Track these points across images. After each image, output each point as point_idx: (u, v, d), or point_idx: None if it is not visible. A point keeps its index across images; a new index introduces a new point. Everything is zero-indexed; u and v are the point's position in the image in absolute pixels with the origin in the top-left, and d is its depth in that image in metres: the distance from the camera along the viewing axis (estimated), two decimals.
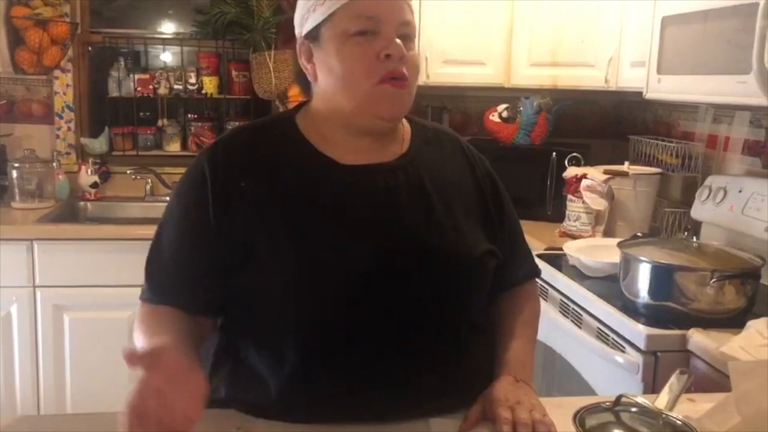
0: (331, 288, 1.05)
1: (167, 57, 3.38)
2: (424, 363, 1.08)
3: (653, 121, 2.98)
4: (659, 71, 2.12)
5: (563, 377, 2.01)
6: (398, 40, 1.05)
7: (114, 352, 2.97)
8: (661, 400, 1.00)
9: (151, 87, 3.17)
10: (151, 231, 1.15)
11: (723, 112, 2.46)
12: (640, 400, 0.98)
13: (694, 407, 1.09)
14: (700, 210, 2.29)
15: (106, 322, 2.61)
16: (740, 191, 2.13)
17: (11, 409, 2.62)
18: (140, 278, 1.15)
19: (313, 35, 1.09)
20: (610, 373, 1.71)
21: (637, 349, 1.62)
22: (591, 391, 1.81)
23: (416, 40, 1.12)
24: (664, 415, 0.95)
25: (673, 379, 1.04)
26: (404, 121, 1.19)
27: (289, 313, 1.06)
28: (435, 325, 1.10)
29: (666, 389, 1.03)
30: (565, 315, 1.98)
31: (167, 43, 3.34)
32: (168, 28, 3.44)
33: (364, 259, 1.05)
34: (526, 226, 1.29)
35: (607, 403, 0.99)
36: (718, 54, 1.85)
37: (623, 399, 0.98)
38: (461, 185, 1.18)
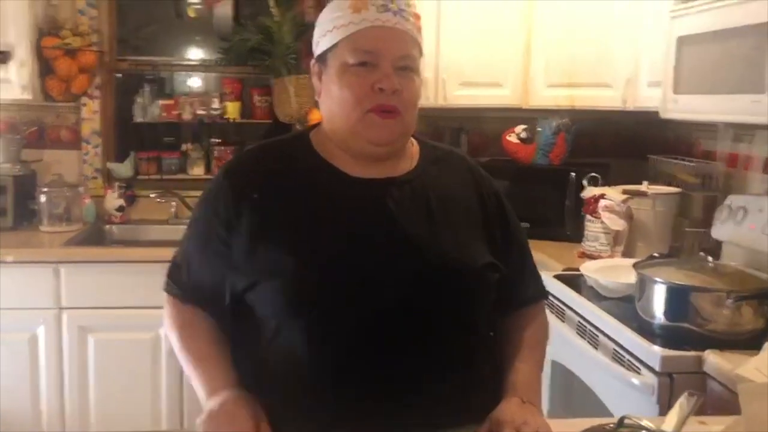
0: (334, 297, 1.08)
1: (192, 83, 3.46)
2: (426, 372, 1.10)
3: (674, 140, 2.96)
4: (675, 91, 2.11)
5: (580, 398, 1.99)
6: (393, 75, 1.09)
7: (137, 372, 2.99)
8: (669, 423, 0.99)
9: (175, 112, 3.24)
10: None
11: (743, 131, 2.44)
12: (645, 422, 0.97)
13: (706, 429, 1.08)
14: (720, 230, 2.26)
15: (130, 344, 2.66)
16: (761, 210, 2.09)
17: (37, 429, 2.66)
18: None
19: (322, 59, 1.16)
20: (625, 394, 1.69)
21: (653, 370, 1.60)
22: (607, 413, 1.79)
23: (432, 63, 1.16)
24: None
25: (681, 400, 1.03)
26: (413, 141, 1.23)
27: (294, 321, 1.10)
28: (438, 335, 1.12)
29: (674, 411, 1.02)
30: (582, 336, 1.97)
31: (192, 69, 3.42)
32: (193, 54, 3.52)
33: (367, 268, 1.09)
34: (545, 246, 1.29)
35: (611, 425, 0.99)
36: (733, 73, 1.85)
37: (626, 421, 0.97)
38: (465, 201, 1.21)
